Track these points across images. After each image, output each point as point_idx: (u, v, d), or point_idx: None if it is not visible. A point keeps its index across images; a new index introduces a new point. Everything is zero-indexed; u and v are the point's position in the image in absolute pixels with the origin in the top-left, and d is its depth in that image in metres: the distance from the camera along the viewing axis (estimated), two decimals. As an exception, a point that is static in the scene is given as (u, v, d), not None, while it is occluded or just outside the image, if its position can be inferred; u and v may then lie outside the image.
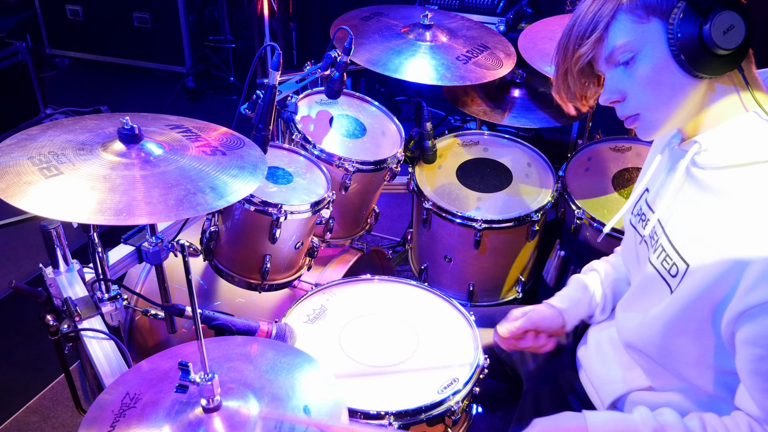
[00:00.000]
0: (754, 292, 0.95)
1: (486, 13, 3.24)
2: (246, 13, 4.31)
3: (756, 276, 0.94)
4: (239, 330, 1.43)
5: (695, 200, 1.08)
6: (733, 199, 1.01)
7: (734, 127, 1.05)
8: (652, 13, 1.02)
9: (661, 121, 1.09)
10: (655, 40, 1.02)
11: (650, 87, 1.05)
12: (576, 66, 1.11)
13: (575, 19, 1.10)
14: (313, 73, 1.87)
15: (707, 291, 1.01)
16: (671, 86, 1.04)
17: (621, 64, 1.07)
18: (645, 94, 1.07)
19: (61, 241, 1.59)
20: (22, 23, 4.74)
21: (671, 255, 1.10)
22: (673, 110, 1.07)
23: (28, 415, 2.23)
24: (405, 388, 1.39)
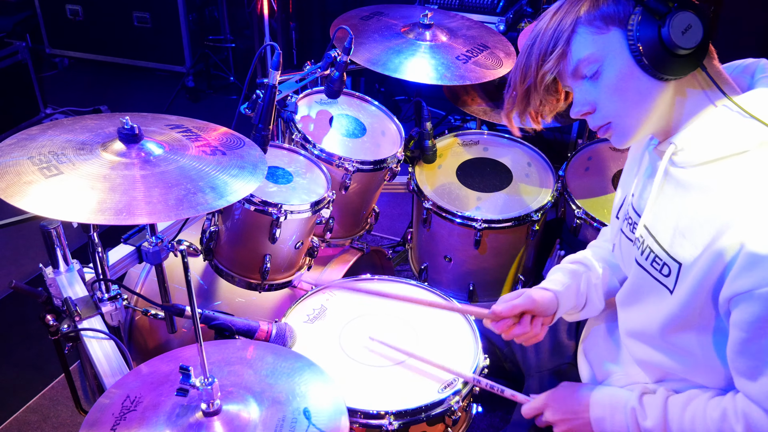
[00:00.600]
0: (740, 280, 0.97)
1: (486, 12, 3.24)
2: (246, 12, 4.31)
3: (741, 265, 0.97)
4: (239, 330, 1.43)
5: (677, 199, 1.09)
6: (714, 192, 1.03)
7: (706, 123, 1.06)
8: (611, 23, 1.03)
9: (633, 127, 1.10)
10: (617, 49, 1.04)
11: (617, 95, 1.07)
12: (541, 84, 1.12)
13: (535, 37, 1.11)
14: (313, 73, 1.87)
15: (703, 282, 1.03)
16: (638, 92, 1.06)
17: (587, 76, 1.08)
18: (614, 103, 1.08)
19: (61, 240, 1.59)
20: (22, 23, 4.74)
21: (660, 256, 1.11)
22: (643, 115, 1.08)
23: (28, 414, 2.23)
24: (405, 388, 1.39)
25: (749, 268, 0.96)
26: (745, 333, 1.00)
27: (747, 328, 1.00)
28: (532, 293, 1.34)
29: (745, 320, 0.99)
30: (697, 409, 1.12)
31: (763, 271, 0.95)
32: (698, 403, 1.13)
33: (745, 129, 1.02)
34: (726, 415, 1.08)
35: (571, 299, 1.38)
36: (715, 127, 1.05)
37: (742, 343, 1.02)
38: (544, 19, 1.10)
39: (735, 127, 1.03)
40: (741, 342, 1.02)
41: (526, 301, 1.33)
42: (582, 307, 1.41)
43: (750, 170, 1.00)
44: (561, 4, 1.08)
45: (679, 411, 1.14)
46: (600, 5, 1.04)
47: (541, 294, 1.35)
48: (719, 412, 1.09)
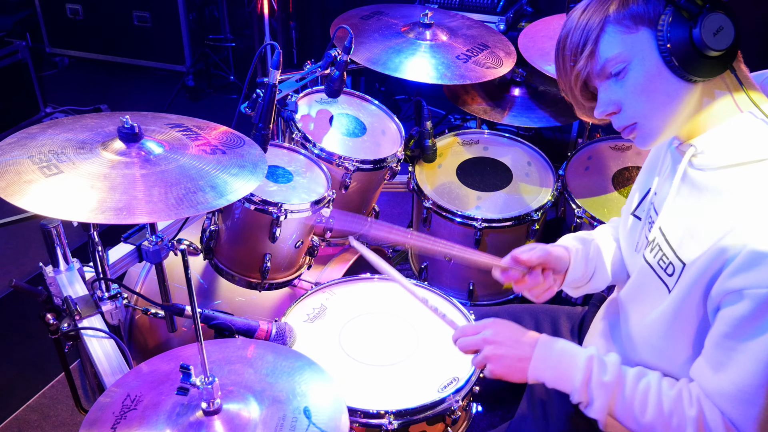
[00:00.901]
0: (735, 278, 0.98)
1: (486, 12, 3.24)
2: (246, 12, 4.31)
3: (740, 263, 0.97)
4: (239, 329, 1.43)
5: (692, 201, 1.09)
6: (728, 197, 1.02)
7: (730, 128, 1.05)
8: (640, 22, 1.02)
9: (659, 129, 1.09)
10: (646, 49, 1.03)
11: (645, 95, 1.06)
12: (577, 83, 1.12)
13: (567, 32, 1.10)
14: (313, 72, 1.87)
15: (699, 280, 1.03)
16: (666, 93, 1.04)
17: (613, 75, 1.07)
18: (640, 103, 1.07)
19: (61, 239, 1.59)
20: (22, 22, 4.73)
21: (668, 254, 1.11)
22: (669, 117, 1.07)
23: (28, 413, 2.23)
24: (405, 387, 1.39)
25: (747, 267, 0.96)
26: (727, 327, 1.01)
27: (730, 322, 1.00)
28: (545, 246, 1.34)
29: (731, 316, 1.00)
30: (652, 381, 1.11)
31: (759, 272, 0.95)
32: (653, 377, 1.12)
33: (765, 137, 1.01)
34: (681, 395, 1.08)
35: (580, 263, 1.37)
36: (738, 132, 1.04)
37: (720, 336, 1.02)
38: (572, 17, 1.09)
39: (757, 134, 1.02)
40: (720, 335, 1.02)
41: (542, 252, 1.31)
42: (590, 278, 1.40)
43: (765, 177, 0.99)
44: (589, 2, 1.07)
45: (634, 378, 1.12)
46: (629, 4, 1.02)
47: (554, 248, 1.34)
48: (675, 391, 1.09)
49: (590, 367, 1.13)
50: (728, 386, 1.02)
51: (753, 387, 0.99)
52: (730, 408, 1.02)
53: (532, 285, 1.32)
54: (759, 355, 0.98)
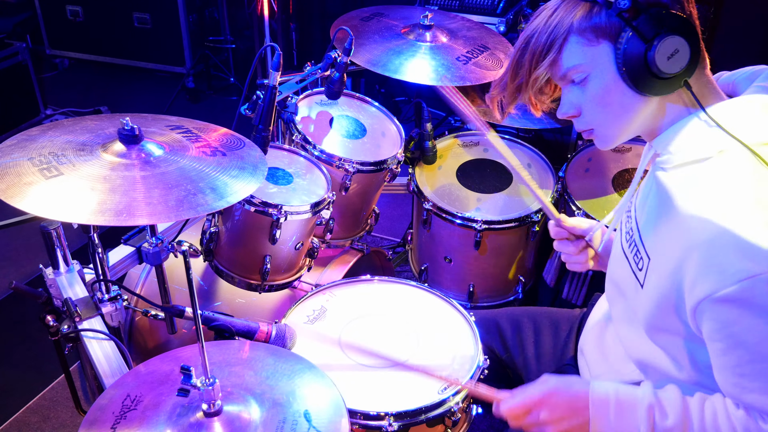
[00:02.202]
0: (696, 288, 0.97)
1: (486, 13, 3.23)
2: (246, 13, 4.31)
3: (696, 269, 0.97)
4: (239, 331, 1.43)
5: (654, 197, 1.12)
6: (677, 195, 1.05)
7: (680, 129, 1.08)
8: (602, 36, 1.04)
9: (614, 136, 1.14)
10: (605, 62, 1.05)
11: (601, 105, 1.10)
12: (533, 86, 1.13)
13: (529, 38, 1.11)
14: (313, 74, 1.87)
15: (667, 286, 1.04)
16: (621, 104, 1.08)
17: (575, 82, 1.11)
18: (597, 112, 1.11)
19: (62, 241, 1.59)
20: (22, 24, 4.73)
21: (640, 249, 1.14)
22: (624, 126, 1.12)
23: (28, 415, 2.23)
24: (405, 389, 1.39)
25: (704, 272, 0.96)
26: (721, 342, 0.99)
27: (717, 336, 0.99)
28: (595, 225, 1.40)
29: (713, 329, 0.98)
30: (717, 404, 1.07)
31: (716, 274, 0.94)
32: (717, 399, 1.08)
33: (710, 137, 1.04)
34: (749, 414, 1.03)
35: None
36: (686, 134, 1.07)
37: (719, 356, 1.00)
38: (539, 19, 1.11)
39: (702, 135, 1.05)
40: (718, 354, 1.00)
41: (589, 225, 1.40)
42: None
43: (708, 176, 1.02)
44: (556, 7, 1.09)
45: (698, 407, 1.08)
46: (593, 17, 1.04)
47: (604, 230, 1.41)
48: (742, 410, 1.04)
49: (652, 418, 1.08)
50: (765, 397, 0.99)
51: None
52: None
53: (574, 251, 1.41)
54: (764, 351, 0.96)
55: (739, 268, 0.93)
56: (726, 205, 0.96)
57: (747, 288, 0.93)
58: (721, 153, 1.02)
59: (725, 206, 0.96)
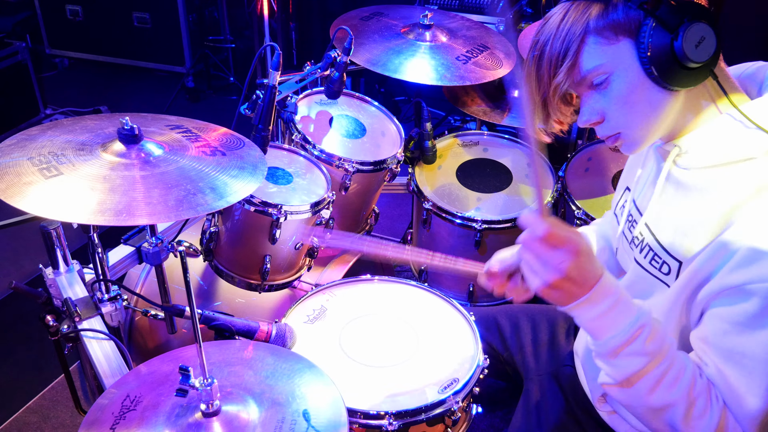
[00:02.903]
0: (733, 274, 0.97)
1: (486, 13, 3.23)
2: (246, 13, 4.31)
3: (739, 259, 0.96)
4: (239, 330, 1.43)
5: (678, 199, 1.10)
6: (715, 196, 1.03)
7: (712, 129, 1.06)
8: (621, 33, 1.01)
9: (643, 137, 1.09)
10: (627, 60, 1.02)
11: (627, 106, 1.05)
12: (555, 96, 1.09)
13: (545, 41, 1.06)
14: (313, 74, 1.87)
15: (693, 277, 1.03)
16: (648, 103, 1.04)
17: (595, 86, 1.06)
18: (623, 114, 1.06)
19: (61, 241, 1.59)
20: (22, 23, 4.73)
21: (660, 254, 1.11)
22: (653, 125, 1.07)
23: (28, 415, 2.23)
24: (405, 388, 1.39)
25: (747, 263, 0.96)
26: (729, 326, 0.99)
27: (733, 320, 0.99)
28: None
29: (732, 313, 0.98)
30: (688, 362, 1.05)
31: (760, 267, 0.94)
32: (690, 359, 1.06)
33: (752, 137, 1.01)
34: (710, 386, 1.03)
35: None
36: (721, 133, 1.04)
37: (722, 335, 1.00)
38: (550, 24, 1.06)
39: (742, 135, 1.03)
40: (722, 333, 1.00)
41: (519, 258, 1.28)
42: None
43: (757, 175, 1.00)
44: (567, 10, 1.05)
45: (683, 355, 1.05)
46: (609, 14, 1.01)
47: None
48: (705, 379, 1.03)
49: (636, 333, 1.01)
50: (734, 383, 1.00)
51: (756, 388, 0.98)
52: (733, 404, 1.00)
53: (512, 288, 1.31)
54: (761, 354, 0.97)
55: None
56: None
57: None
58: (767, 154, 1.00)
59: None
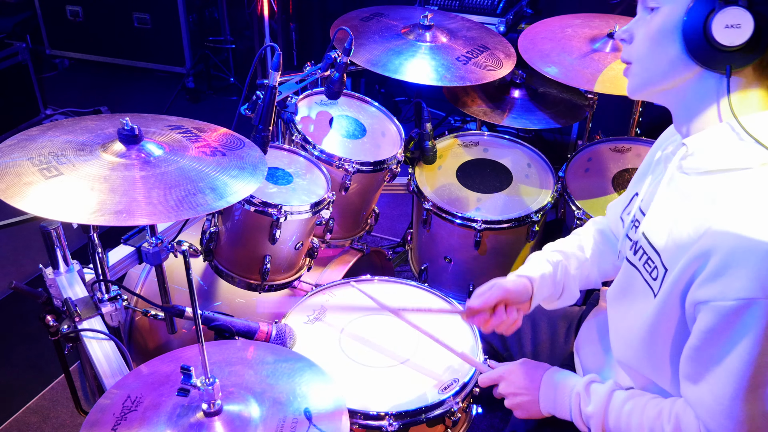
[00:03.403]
0: (702, 288, 0.99)
1: (486, 13, 3.23)
2: (246, 13, 4.31)
3: (708, 272, 0.97)
4: (239, 331, 1.43)
5: (675, 205, 1.10)
6: (704, 203, 1.03)
7: (711, 135, 1.05)
8: None
9: (641, 83, 1.12)
10: (679, 4, 1.02)
11: (651, 43, 1.07)
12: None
13: None
14: (313, 74, 1.87)
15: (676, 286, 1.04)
16: (666, 54, 1.05)
17: (648, 9, 1.08)
18: (644, 47, 1.08)
19: (61, 241, 1.59)
20: (22, 24, 4.73)
21: (653, 258, 1.12)
22: (655, 78, 1.09)
23: (28, 415, 2.23)
24: (405, 389, 1.39)
25: (713, 278, 0.97)
26: (697, 340, 1.02)
27: (699, 336, 1.01)
28: (503, 283, 1.35)
29: (699, 328, 1.01)
30: (637, 403, 1.15)
31: (723, 285, 0.95)
32: (639, 400, 1.16)
33: (749, 147, 1.01)
34: (661, 414, 1.11)
35: (547, 287, 1.38)
36: (718, 141, 1.04)
37: (692, 349, 1.04)
38: None
39: (736, 144, 1.02)
40: (692, 348, 1.04)
41: (499, 291, 1.34)
42: (559, 296, 1.43)
43: (746, 186, 0.99)
44: None
45: (620, 402, 1.17)
46: None
47: (514, 282, 1.35)
48: (656, 410, 1.12)
49: (577, 401, 1.22)
50: (707, 397, 1.03)
51: (728, 399, 1.00)
52: (708, 419, 1.03)
53: (496, 323, 1.35)
54: (731, 367, 0.99)
55: (744, 286, 0.93)
56: (757, 222, 0.94)
57: (742, 307, 0.94)
58: (763, 165, 0.99)
59: (757, 223, 0.94)
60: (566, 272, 1.41)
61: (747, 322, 0.95)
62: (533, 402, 1.28)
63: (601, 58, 2.04)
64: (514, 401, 1.30)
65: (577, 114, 2.34)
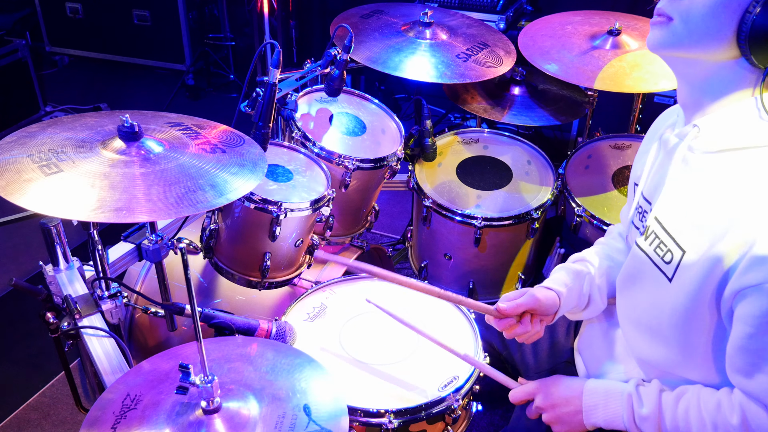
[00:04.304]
0: (750, 273, 0.97)
1: (486, 10, 3.23)
2: (246, 10, 4.31)
3: (754, 258, 0.96)
4: (239, 328, 1.43)
5: (688, 185, 1.09)
6: (727, 182, 1.02)
7: (730, 113, 1.04)
8: None
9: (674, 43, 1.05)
10: None
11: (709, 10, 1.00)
12: None
13: None
14: (313, 71, 1.87)
15: (710, 274, 1.02)
16: (718, 29, 1.00)
17: None
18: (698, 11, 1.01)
19: (61, 238, 1.59)
20: (22, 21, 4.73)
21: (666, 242, 1.10)
22: (694, 45, 1.03)
23: (29, 412, 2.23)
24: (405, 386, 1.39)
25: (760, 262, 0.95)
26: (750, 327, 0.99)
27: (752, 322, 0.99)
28: (535, 292, 1.34)
29: (751, 314, 0.98)
30: (691, 399, 1.12)
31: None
32: (692, 395, 1.13)
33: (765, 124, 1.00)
34: (721, 405, 1.07)
35: (573, 300, 1.37)
36: (737, 117, 1.04)
37: (744, 338, 1.01)
38: None
39: (756, 120, 1.01)
40: (744, 337, 1.01)
41: (530, 300, 1.32)
42: (584, 307, 1.41)
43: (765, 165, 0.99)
44: None
45: (673, 402, 1.14)
46: None
47: (544, 293, 1.34)
48: (714, 402, 1.09)
49: (630, 404, 1.17)
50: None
51: None
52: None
53: (521, 333, 1.34)
54: None
55: None
56: None
57: None
58: None
59: None
60: (592, 283, 1.39)
61: None
62: (575, 413, 1.23)
63: (601, 55, 2.04)
64: (554, 414, 1.25)
65: (577, 111, 2.34)
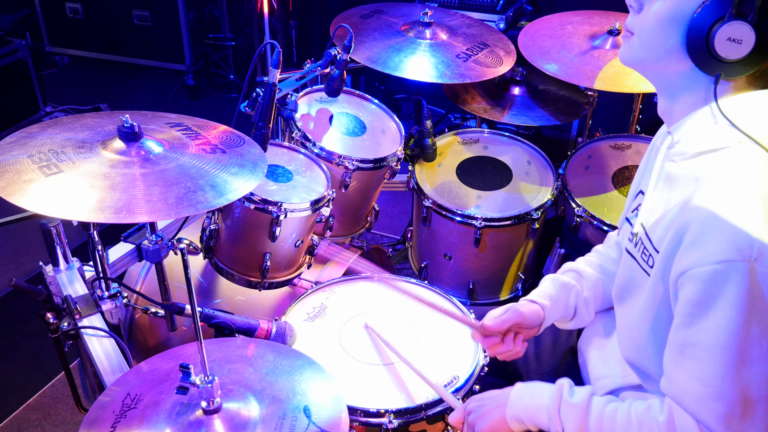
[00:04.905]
0: (682, 260, 0.97)
1: (486, 10, 3.23)
2: (246, 10, 4.31)
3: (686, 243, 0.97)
4: (239, 328, 1.43)
5: (665, 193, 1.11)
6: (687, 184, 1.04)
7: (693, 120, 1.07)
8: None
9: (635, 59, 1.11)
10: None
11: (657, 24, 1.05)
12: None
13: None
14: (313, 71, 1.87)
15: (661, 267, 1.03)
16: (667, 40, 1.04)
17: None
18: (648, 25, 1.06)
19: (61, 239, 1.59)
20: (22, 21, 4.73)
21: (647, 246, 1.12)
22: (650, 58, 1.08)
23: (29, 412, 2.23)
24: (405, 386, 1.39)
25: (690, 247, 0.96)
26: (677, 318, 0.99)
27: (679, 311, 0.99)
28: (519, 307, 1.34)
29: (680, 304, 0.99)
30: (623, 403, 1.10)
31: (700, 251, 0.94)
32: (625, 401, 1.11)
33: (727, 128, 1.02)
34: (651, 406, 1.06)
35: (558, 312, 1.38)
36: (698, 124, 1.06)
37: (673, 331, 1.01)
38: None
39: (717, 126, 1.03)
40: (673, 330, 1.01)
41: (514, 315, 1.33)
42: (571, 318, 1.41)
43: (723, 163, 1.01)
44: None
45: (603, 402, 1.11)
46: None
47: (528, 308, 1.35)
48: (646, 404, 1.07)
49: (560, 392, 1.14)
50: (692, 384, 0.98)
51: (717, 378, 0.95)
52: (697, 407, 0.98)
53: (503, 351, 1.34)
54: (712, 341, 0.95)
55: (722, 249, 0.92)
56: (732, 192, 0.96)
57: (720, 272, 0.92)
58: (740, 144, 1.00)
59: (731, 192, 0.96)
60: (578, 295, 1.39)
61: (727, 289, 0.92)
62: (498, 406, 1.19)
63: (601, 55, 2.04)
64: (479, 412, 1.21)
65: (577, 111, 2.34)
